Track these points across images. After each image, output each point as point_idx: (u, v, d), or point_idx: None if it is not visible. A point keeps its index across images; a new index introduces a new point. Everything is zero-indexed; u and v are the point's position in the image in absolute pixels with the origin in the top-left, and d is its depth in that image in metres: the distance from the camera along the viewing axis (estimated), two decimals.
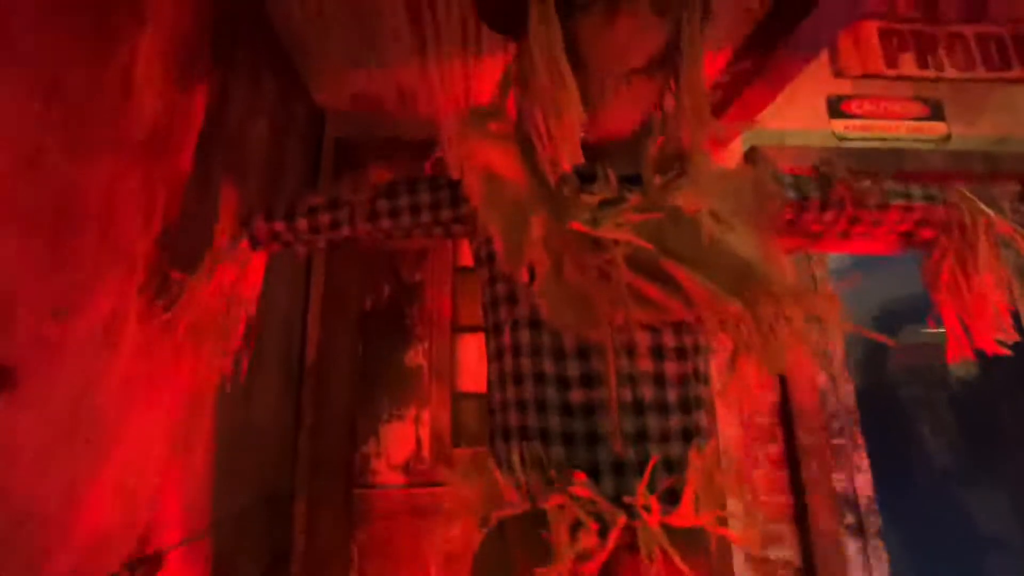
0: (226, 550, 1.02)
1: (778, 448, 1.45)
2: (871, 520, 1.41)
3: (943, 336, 0.79)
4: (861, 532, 1.40)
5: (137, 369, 0.75)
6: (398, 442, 1.47)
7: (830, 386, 1.49)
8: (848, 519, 1.40)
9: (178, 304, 0.78)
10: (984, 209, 0.75)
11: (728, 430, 1.43)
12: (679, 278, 0.59)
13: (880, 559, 1.38)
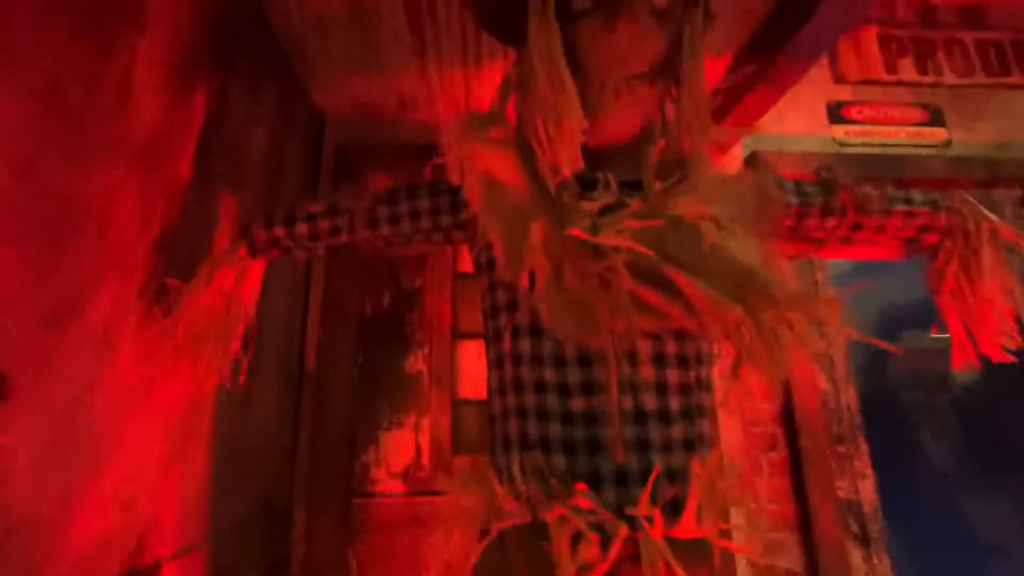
0: (224, 559, 1.01)
1: (780, 455, 1.43)
2: (876, 528, 1.40)
3: (944, 341, 0.78)
4: (866, 540, 1.39)
5: (134, 376, 0.74)
6: (398, 450, 1.46)
7: (832, 392, 1.48)
8: (852, 527, 1.39)
9: (176, 311, 0.77)
10: (988, 214, 0.74)
11: (730, 436, 1.42)
12: (680, 285, 0.58)
13: (886, 569, 1.37)
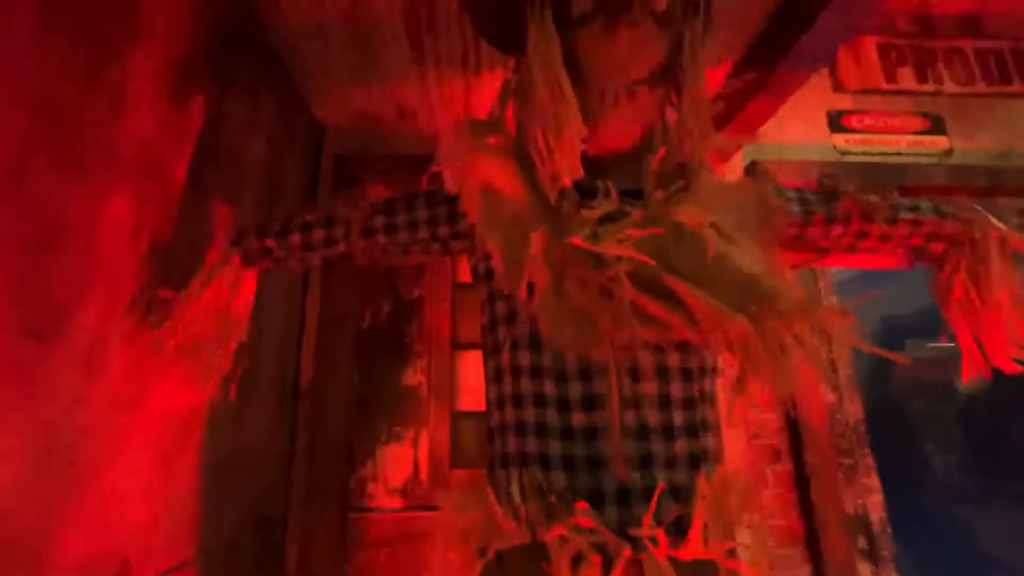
0: None
1: (785, 468, 1.41)
2: (884, 544, 1.36)
3: (946, 350, 0.77)
4: (874, 557, 1.35)
5: (122, 392, 0.72)
6: (396, 464, 1.43)
7: (838, 404, 1.46)
8: (860, 543, 1.36)
9: (167, 323, 0.75)
10: (995, 223, 0.73)
11: (733, 449, 1.39)
12: (683, 295, 0.57)
13: None
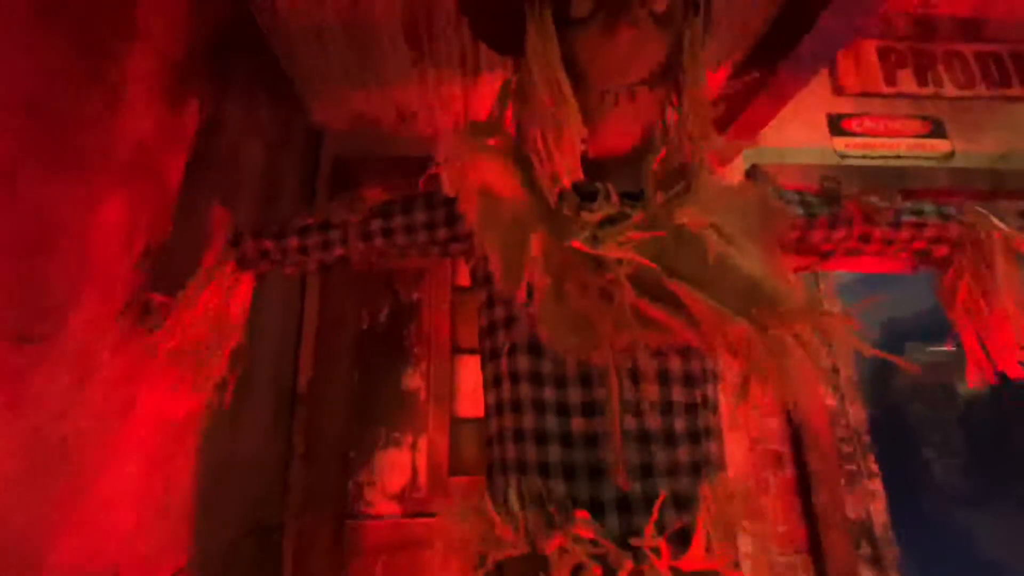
0: None
1: (787, 473, 1.39)
2: (888, 550, 1.35)
3: (947, 354, 0.76)
4: (878, 563, 1.34)
5: (114, 397, 0.71)
6: (393, 470, 1.42)
7: (840, 408, 1.44)
8: (864, 549, 1.34)
9: (161, 328, 0.74)
10: (1000, 225, 0.73)
11: (735, 454, 1.38)
12: (684, 298, 0.56)
13: None
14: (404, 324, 1.55)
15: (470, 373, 1.53)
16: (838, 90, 1.75)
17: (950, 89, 1.73)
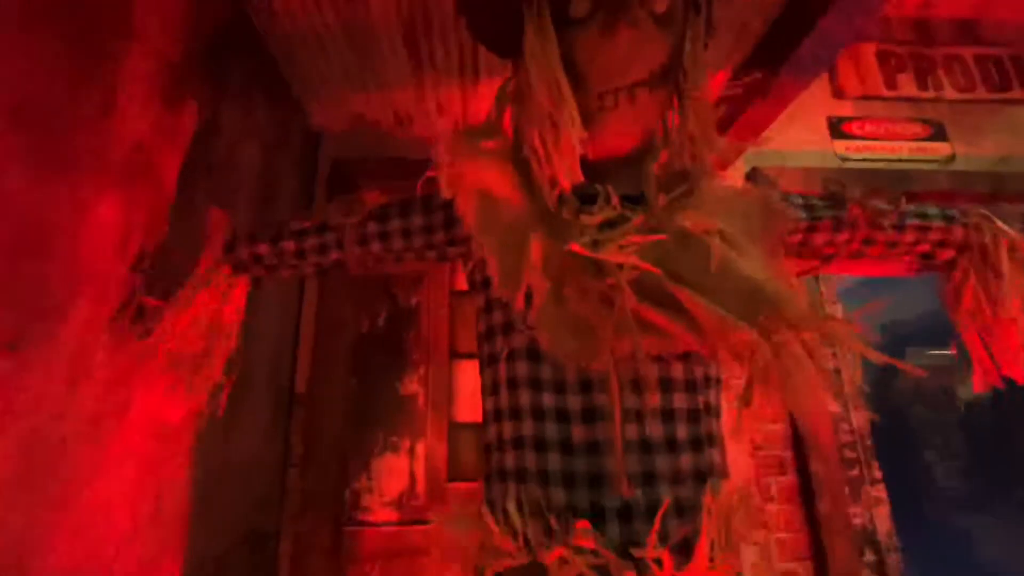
0: None
1: (790, 480, 1.38)
2: (892, 557, 1.33)
3: (947, 357, 0.75)
4: (882, 570, 1.32)
5: (107, 403, 0.70)
6: (391, 476, 1.40)
7: (843, 413, 1.43)
8: (868, 556, 1.32)
9: (155, 333, 0.73)
10: (1006, 229, 0.71)
11: (737, 460, 1.36)
12: (687, 304, 0.54)
13: None
14: (403, 328, 1.54)
15: (469, 378, 1.52)
16: (838, 93, 1.75)
17: (950, 92, 1.73)
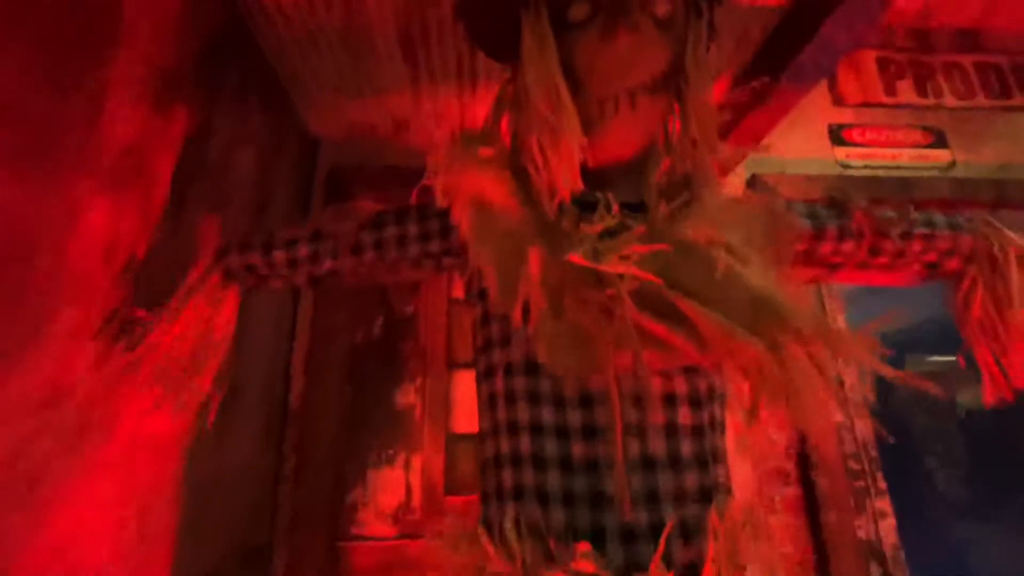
0: None
1: (794, 492, 1.35)
2: (898, 570, 1.30)
3: (948, 364, 0.74)
4: None
5: (91, 417, 0.68)
6: (387, 489, 1.37)
7: (847, 424, 1.41)
8: (873, 571, 1.30)
9: (142, 345, 0.71)
10: (1015, 238, 0.70)
11: (739, 472, 1.33)
12: (690, 315, 0.53)
13: None
14: (399, 338, 1.51)
15: (467, 388, 1.49)
16: (838, 100, 1.74)
17: (950, 100, 1.72)
